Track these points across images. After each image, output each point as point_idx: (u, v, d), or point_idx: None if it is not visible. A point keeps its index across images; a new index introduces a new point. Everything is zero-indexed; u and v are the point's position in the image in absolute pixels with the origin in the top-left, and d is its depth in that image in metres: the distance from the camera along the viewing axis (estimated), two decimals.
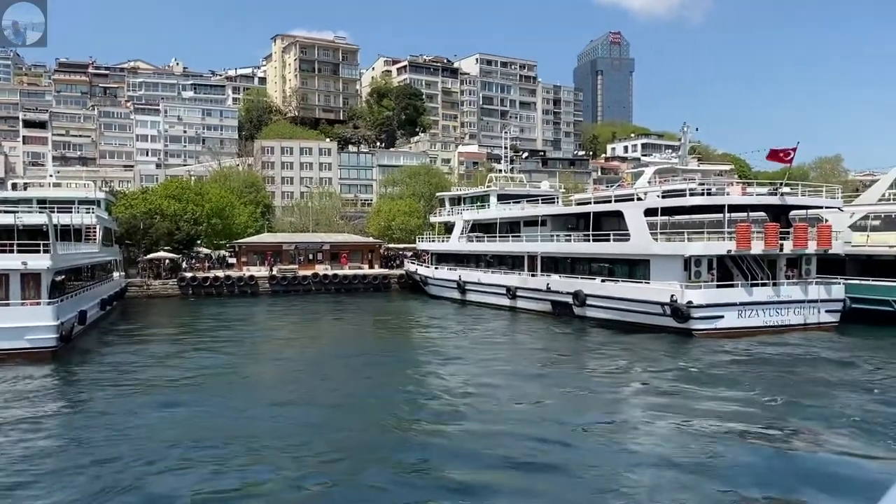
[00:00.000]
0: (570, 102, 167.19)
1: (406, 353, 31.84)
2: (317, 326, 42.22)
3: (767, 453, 16.29)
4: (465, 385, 24.09)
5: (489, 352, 31.71)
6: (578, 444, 17.23)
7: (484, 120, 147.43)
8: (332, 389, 23.64)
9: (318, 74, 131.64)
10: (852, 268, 37.64)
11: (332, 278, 61.63)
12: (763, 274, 34.70)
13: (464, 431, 18.35)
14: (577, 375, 26.11)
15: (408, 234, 71.39)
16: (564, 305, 40.58)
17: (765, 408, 20.27)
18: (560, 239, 43.15)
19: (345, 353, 31.18)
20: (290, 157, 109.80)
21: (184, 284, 58.35)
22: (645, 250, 35.92)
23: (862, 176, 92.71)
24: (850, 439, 17.14)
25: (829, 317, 34.83)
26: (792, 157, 34.73)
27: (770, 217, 37.00)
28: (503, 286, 46.26)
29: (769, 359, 27.86)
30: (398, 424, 19.15)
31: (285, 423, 18.96)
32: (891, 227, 37.67)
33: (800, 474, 14.93)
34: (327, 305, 52.15)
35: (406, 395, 22.78)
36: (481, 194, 54.44)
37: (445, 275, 54.38)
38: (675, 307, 32.74)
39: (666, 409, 20.38)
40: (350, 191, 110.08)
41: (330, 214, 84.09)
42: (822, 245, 34.70)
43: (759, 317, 33.42)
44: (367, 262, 66.93)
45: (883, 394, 21.73)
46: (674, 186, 37.36)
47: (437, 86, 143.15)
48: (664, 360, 28.42)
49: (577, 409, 20.59)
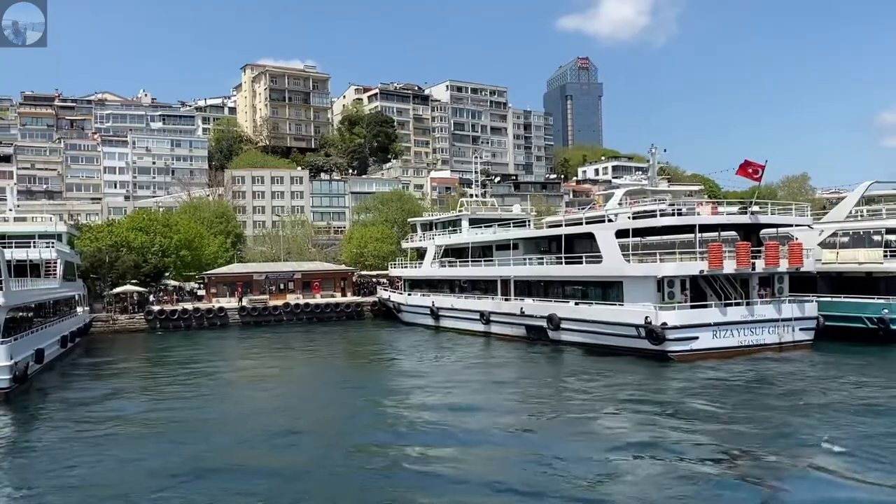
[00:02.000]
0: (540, 127, 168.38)
1: (378, 383, 30.97)
2: (286, 358, 41.15)
3: (751, 484, 15.84)
4: (438, 415, 23.39)
5: (463, 380, 31.01)
6: (553, 473, 16.66)
7: (456, 146, 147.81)
8: (299, 426, 22.72)
9: (289, 103, 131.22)
10: (824, 285, 37.65)
11: (304, 307, 60.61)
12: (736, 293, 34.49)
13: (437, 463, 17.75)
14: (552, 402, 25.52)
15: (381, 260, 70.65)
16: (539, 329, 40.05)
17: (748, 435, 19.74)
18: (533, 262, 42.76)
19: (314, 387, 30.40)
20: (262, 185, 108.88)
21: (151, 318, 56.97)
22: (618, 272, 35.59)
23: (828, 194, 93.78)
24: (837, 463, 16.79)
25: (803, 335, 34.66)
26: (761, 174, 34.78)
27: (741, 236, 36.95)
28: (477, 311, 45.66)
29: (747, 381, 27.48)
30: (368, 459, 18.36)
31: (243, 475, 18.04)
32: (859, 244, 37.81)
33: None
34: (298, 336, 51.11)
35: (376, 427, 22.04)
36: (453, 219, 54.01)
37: (418, 301, 53.66)
38: (649, 329, 32.36)
39: (644, 438, 19.85)
40: (323, 218, 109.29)
41: (302, 243, 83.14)
42: (793, 263, 34.64)
43: (734, 337, 33.14)
44: (340, 290, 66.00)
45: (867, 415, 21.38)
46: (644, 207, 37.23)
47: (409, 113, 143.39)
48: (641, 384, 27.94)
49: (552, 438, 20.00)
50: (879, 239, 36.98)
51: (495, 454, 18.81)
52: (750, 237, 36.36)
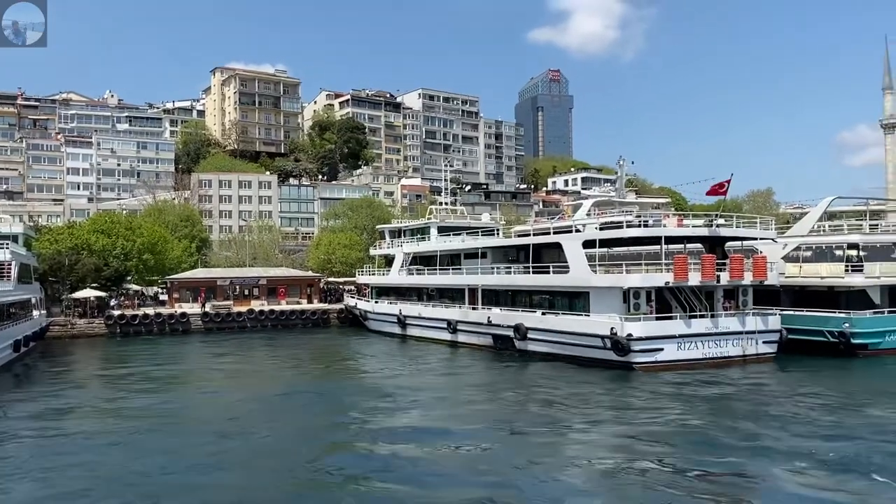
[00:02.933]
0: (511, 137, 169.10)
1: (341, 393, 30.41)
2: (248, 366, 40.43)
3: (713, 496, 15.72)
4: (401, 426, 23.07)
5: (427, 390, 30.66)
6: (516, 486, 16.36)
7: (427, 153, 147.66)
8: (254, 436, 22.15)
9: (259, 107, 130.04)
10: (787, 298, 38.04)
11: (269, 314, 59.75)
12: (701, 305, 34.66)
13: (399, 474, 17.38)
14: (516, 414, 25.24)
15: (348, 267, 69.96)
16: (506, 339, 39.85)
17: (711, 448, 19.65)
18: (500, 271, 42.59)
19: (275, 396, 29.69)
20: (229, 190, 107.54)
21: (111, 323, 55.67)
22: (584, 282, 35.56)
23: (792, 209, 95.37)
24: (798, 476, 16.75)
25: (766, 348, 34.92)
26: (727, 188, 35.09)
27: (706, 249, 37.19)
28: (444, 320, 45.33)
29: (711, 394, 27.52)
30: (326, 473, 17.90)
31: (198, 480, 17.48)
32: (822, 259, 38.29)
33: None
34: (262, 342, 50.31)
35: (338, 438, 21.63)
36: (421, 227, 53.68)
37: (385, 309, 53.17)
38: (615, 340, 32.34)
39: (607, 450, 19.71)
40: (291, 224, 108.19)
41: (268, 248, 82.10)
42: (757, 276, 34.93)
43: (699, 349, 33.26)
44: (306, 296, 65.19)
45: (828, 429, 21.46)
46: (611, 218, 37.31)
47: (380, 119, 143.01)
48: (605, 396, 27.90)
49: (515, 450, 19.74)
50: (841, 254, 37.49)
51: (457, 466, 18.47)
52: (715, 250, 36.61)
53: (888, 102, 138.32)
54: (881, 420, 22.50)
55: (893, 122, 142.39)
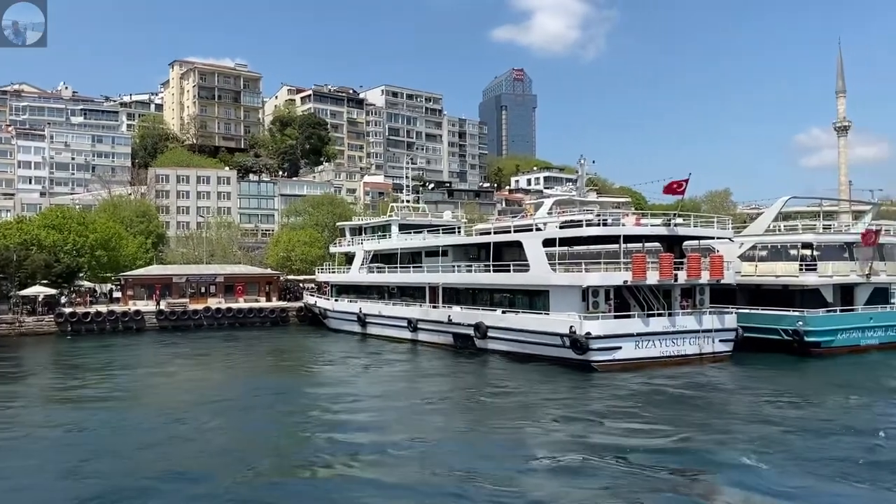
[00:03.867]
0: (475, 135, 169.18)
1: (298, 393, 29.90)
2: (204, 365, 39.57)
3: (668, 493, 15.74)
4: (357, 428, 22.68)
5: (387, 389, 30.35)
6: (474, 487, 16.16)
7: (390, 151, 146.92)
8: (209, 437, 21.56)
9: (218, 102, 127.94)
10: (742, 297, 38.54)
11: (226, 312, 58.69)
12: (659, 304, 34.92)
13: (356, 476, 17.16)
14: (474, 413, 25.06)
15: (308, 265, 69.10)
16: (466, 338, 39.68)
17: (669, 446, 19.74)
18: (461, 269, 42.40)
19: (230, 396, 29.03)
20: (187, 185, 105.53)
21: (62, 321, 54.10)
22: (544, 281, 35.55)
23: (749, 209, 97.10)
24: (754, 474, 16.81)
25: (723, 346, 35.29)
26: (684, 188, 35.34)
27: (664, 248, 37.49)
28: (404, 318, 44.97)
29: (668, 391, 27.69)
30: (283, 470, 17.45)
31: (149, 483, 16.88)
32: (777, 258, 38.88)
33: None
34: (219, 341, 49.35)
35: (294, 438, 21.19)
36: (382, 224, 53.22)
37: (345, 307, 52.59)
38: (573, 338, 32.37)
39: (564, 449, 19.59)
40: (251, 220, 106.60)
41: (226, 245, 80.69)
42: (714, 275, 35.28)
43: (656, 347, 33.47)
44: (265, 294, 64.23)
45: (783, 427, 21.64)
46: (571, 217, 37.37)
47: (343, 116, 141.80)
48: (563, 394, 27.92)
49: (473, 451, 19.51)
50: (796, 253, 38.12)
51: (412, 469, 18.16)
52: (673, 249, 36.92)
53: (841, 106, 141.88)
54: (833, 418, 22.78)
55: (846, 124, 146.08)
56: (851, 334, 37.02)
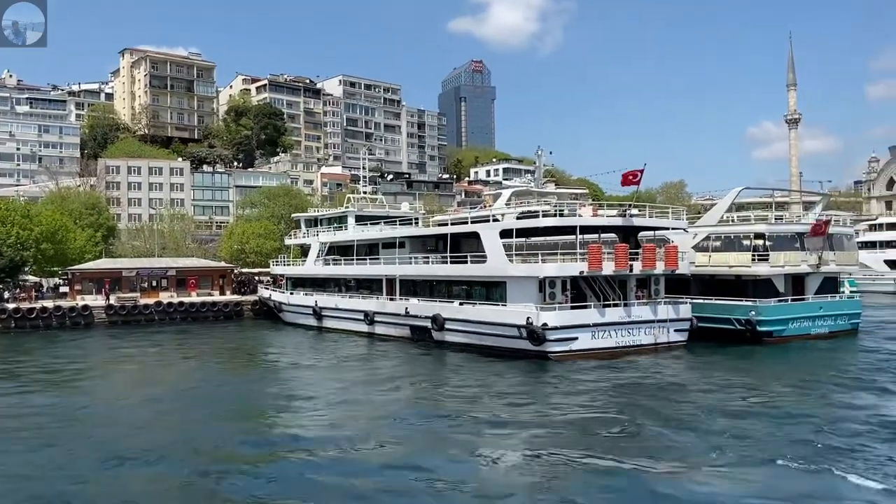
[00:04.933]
0: (434, 126, 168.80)
1: (248, 387, 29.21)
2: (153, 360, 38.44)
3: (623, 481, 15.69)
4: (310, 423, 22.17)
5: (340, 383, 29.78)
6: (429, 478, 15.95)
7: (348, 141, 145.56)
8: (154, 430, 20.80)
9: (171, 91, 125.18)
10: (696, 287, 38.87)
11: (178, 306, 57.25)
12: (615, 294, 34.99)
13: (309, 471, 16.76)
14: (431, 407, 24.68)
15: (263, 257, 67.88)
16: (423, 330, 39.29)
17: (623, 434, 19.72)
18: (419, 261, 41.95)
19: (180, 391, 28.23)
20: (138, 176, 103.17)
21: (4, 317, 52.07)
22: (501, 272, 35.33)
23: (704, 200, 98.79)
24: (710, 463, 16.81)
25: (678, 336, 35.53)
26: (640, 178, 35.40)
27: (620, 238, 37.57)
28: (361, 311, 44.37)
29: (624, 382, 27.67)
30: (232, 465, 16.86)
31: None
32: (730, 248, 39.29)
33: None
34: (170, 336, 48.13)
35: (246, 435, 20.51)
36: (339, 216, 52.40)
37: (301, 300, 51.72)
38: (530, 330, 32.24)
39: (521, 441, 19.37)
40: (205, 212, 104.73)
41: (179, 238, 78.86)
42: (669, 265, 35.46)
43: (612, 338, 33.51)
44: (219, 288, 62.85)
45: (736, 415, 21.74)
46: (528, 208, 37.22)
47: (300, 106, 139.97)
48: (519, 386, 27.80)
49: (429, 445, 19.18)
50: (748, 243, 38.55)
51: (364, 459, 17.84)
52: (629, 240, 37.01)
53: (792, 98, 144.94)
54: (785, 405, 22.98)
55: (796, 117, 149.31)
56: (802, 323, 37.64)
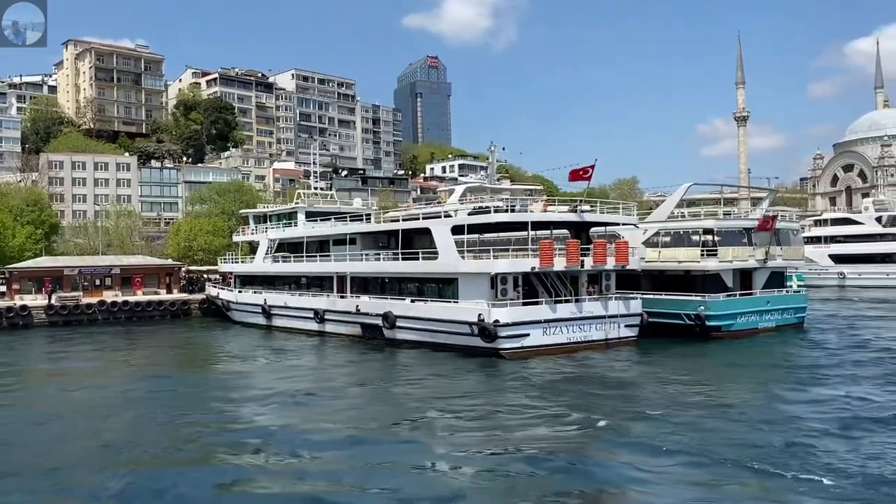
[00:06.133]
0: (389, 122, 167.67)
1: (194, 388, 28.21)
2: (96, 362, 37.01)
3: (574, 478, 15.52)
4: (256, 426, 21.36)
5: (289, 383, 28.98)
6: (376, 480, 15.68)
7: (301, 136, 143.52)
8: (94, 433, 19.83)
9: (118, 84, 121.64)
10: (647, 283, 39.05)
11: (122, 306, 55.48)
12: (566, 290, 34.89)
13: (248, 475, 16.28)
14: (379, 405, 24.18)
15: (212, 255, 66.29)
16: (374, 328, 38.68)
17: (574, 433, 19.54)
18: (370, 258, 41.31)
19: (120, 392, 27.13)
20: (83, 172, 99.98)
21: None
22: (453, 269, 34.93)
23: (655, 196, 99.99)
24: (660, 458, 16.68)
25: (628, 331, 35.62)
26: (591, 174, 35.36)
27: (572, 234, 37.53)
28: (311, 309, 43.51)
29: (574, 378, 27.57)
30: (171, 462, 16.10)
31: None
32: (680, 244, 39.57)
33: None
34: (113, 336, 46.59)
35: (191, 438, 19.72)
36: (288, 212, 51.31)
37: (249, 299, 50.57)
38: (482, 326, 31.93)
39: (468, 441, 18.95)
40: (153, 209, 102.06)
41: (125, 235, 76.60)
42: (619, 261, 35.50)
43: (564, 334, 33.43)
44: (165, 286, 61.18)
45: (687, 409, 21.73)
46: (480, 204, 36.91)
47: (251, 100, 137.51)
48: (471, 384, 27.47)
49: (373, 444, 18.65)
50: (697, 239, 38.88)
51: (311, 460, 17.37)
52: (581, 235, 37.01)
53: (741, 96, 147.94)
54: (733, 401, 23.07)
55: (745, 114, 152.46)
56: (750, 318, 38.15)
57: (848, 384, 25.28)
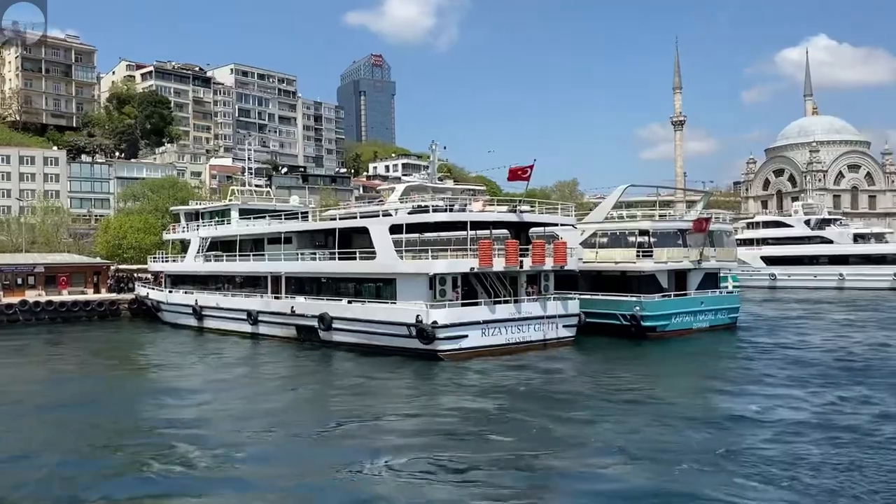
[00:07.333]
0: (331, 119, 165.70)
1: (116, 394, 26.88)
2: (12, 369, 35.03)
3: (511, 481, 15.19)
4: (183, 431, 20.32)
5: (217, 387, 27.98)
6: (308, 489, 15.17)
7: (240, 132, 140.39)
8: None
9: (46, 75, 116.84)
10: (585, 283, 39.17)
11: (46, 306, 52.94)
12: (506, 291, 34.63)
13: (175, 485, 15.46)
14: (310, 411, 23.45)
15: (143, 253, 63.97)
16: (310, 330, 37.71)
17: (513, 436, 19.19)
18: (306, 258, 40.29)
19: (39, 398, 25.64)
20: (7, 166, 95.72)
21: None
22: (391, 269, 34.28)
23: (595, 198, 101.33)
24: (594, 459, 16.49)
25: (566, 332, 35.62)
26: (529, 174, 35.24)
27: (512, 234, 37.35)
28: (244, 310, 42.20)
29: (512, 380, 27.32)
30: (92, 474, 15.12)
31: None
32: (616, 244, 39.87)
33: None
34: (35, 338, 44.39)
35: (112, 445, 18.75)
36: (221, 209, 49.67)
37: (180, 299, 48.81)
38: (420, 328, 31.39)
39: (407, 444, 18.46)
40: (83, 205, 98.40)
41: (51, 232, 73.40)
42: (558, 261, 35.43)
43: (502, 334, 33.17)
44: (93, 285, 58.72)
45: (624, 410, 21.71)
46: (419, 203, 36.39)
47: (188, 94, 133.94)
48: (407, 387, 27.07)
49: (305, 452, 18.06)
50: (634, 240, 39.21)
51: (240, 468, 16.73)
52: (520, 236, 36.82)
53: (678, 101, 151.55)
54: (667, 402, 23.15)
55: (682, 119, 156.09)
56: (684, 318, 38.65)
57: (777, 384, 25.67)
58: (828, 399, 22.77)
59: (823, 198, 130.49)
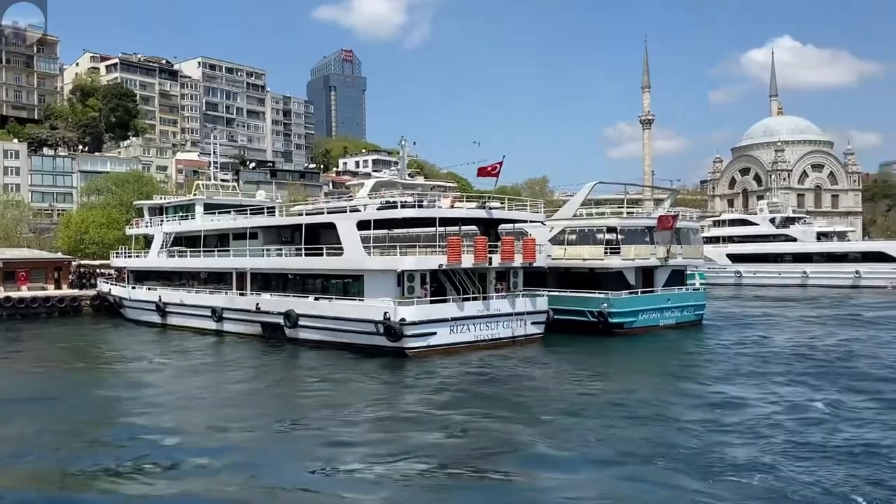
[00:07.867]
0: (301, 114, 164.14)
1: (76, 394, 26.12)
2: None
3: (483, 482, 15.17)
4: (148, 436, 19.67)
5: (181, 386, 27.46)
6: (268, 492, 14.75)
7: (207, 126, 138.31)
8: None
9: (6, 66, 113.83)
10: (553, 280, 39.20)
11: (4, 302, 51.55)
12: (474, 288, 34.47)
13: (135, 486, 15.02)
14: (277, 411, 22.97)
15: (106, 248, 62.65)
16: (275, 327, 37.17)
17: (481, 433, 19.05)
18: (272, 253, 39.69)
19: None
20: None
21: None
22: (359, 265, 33.91)
23: (564, 196, 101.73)
24: (563, 453, 16.41)
25: (535, 328, 35.60)
26: (498, 170, 35.14)
27: (481, 231, 37.20)
28: (208, 307, 41.47)
29: (480, 378, 27.12)
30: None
31: None
32: (585, 241, 39.97)
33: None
34: None
35: (75, 450, 18.07)
36: (185, 203, 48.75)
37: (143, 295, 47.85)
38: (387, 325, 31.10)
39: (370, 449, 18.11)
40: (45, 199, 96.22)
41: (9, 227, 71.55)
42: (527, 258, 35.40)
43: (471, 331, 33.04)
44: (53, 281, 57.35)
45: (590, 410, 21.60)
46: (388, 199, 36.04)
47: (154, 87, 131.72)
48: (374, 386, 26.71)
49: (271, 453, 17.60)
50: (602, 237, 39.34)
51: (204, 471, 16.31)
52: (489, 232, 36.71)
53: (646, 100, 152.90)
54: (633, 399, 23.14)
55: (650, 118, 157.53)
56: (651, 315, 38.89)
57: (742, 380, 25.91)
58: (791, 394, 23.05)
59: (788, 196, 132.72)
